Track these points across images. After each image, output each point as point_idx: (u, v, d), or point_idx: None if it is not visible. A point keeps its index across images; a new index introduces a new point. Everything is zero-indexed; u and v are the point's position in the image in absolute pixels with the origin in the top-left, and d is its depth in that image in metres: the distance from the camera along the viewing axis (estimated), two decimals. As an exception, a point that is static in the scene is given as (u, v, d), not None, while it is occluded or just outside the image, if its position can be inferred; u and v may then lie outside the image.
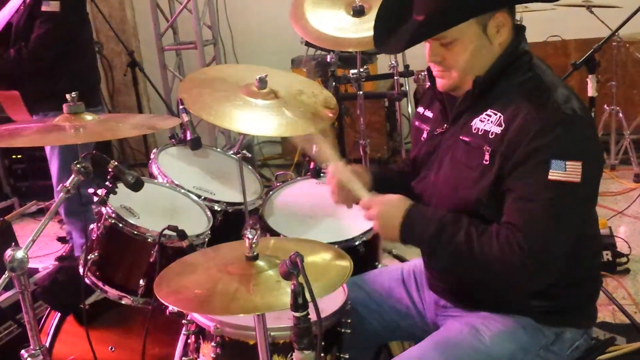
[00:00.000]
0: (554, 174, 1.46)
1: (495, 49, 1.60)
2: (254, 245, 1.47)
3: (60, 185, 1.78)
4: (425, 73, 1.76)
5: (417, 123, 1.88)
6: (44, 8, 3.03)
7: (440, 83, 1.68)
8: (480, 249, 1.52)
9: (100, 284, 2.04)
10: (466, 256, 1.54)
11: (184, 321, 1.77)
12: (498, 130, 1.55)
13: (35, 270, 2.90)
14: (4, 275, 1.66)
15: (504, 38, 1.59)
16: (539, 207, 1.48)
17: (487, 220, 1.57)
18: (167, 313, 1.88)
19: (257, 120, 2.15)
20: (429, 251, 1.75)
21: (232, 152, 2.69)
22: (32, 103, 3.26)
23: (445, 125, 1.73)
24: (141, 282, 2.00)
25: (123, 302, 2.03)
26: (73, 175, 1.77)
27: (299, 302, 1.26)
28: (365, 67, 3.34)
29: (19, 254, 1.63)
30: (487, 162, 1.55)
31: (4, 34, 3.12)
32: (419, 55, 1.74)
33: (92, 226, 2.07)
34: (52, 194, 3.68)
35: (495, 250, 1.50)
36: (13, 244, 1.70)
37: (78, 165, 1.77)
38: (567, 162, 1.46)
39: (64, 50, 3.16)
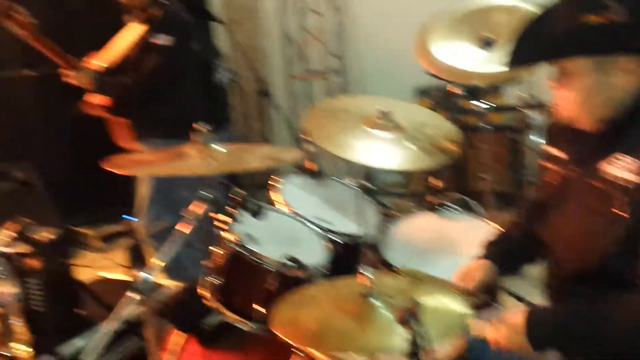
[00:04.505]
0: None
1: (617, 92, 1.52)
2: (369, 284, 1.46)
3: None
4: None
5: (544, 163, 1.81)
6: (156, 41, 3.12)
7: (558, 113, 1.65)
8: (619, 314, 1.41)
9: (221, 307, 2.11)
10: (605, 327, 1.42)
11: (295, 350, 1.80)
12: (632, 177, 1.46)
13: (160, 287, 3.02)
14: (131, 293, 1.76)
15: (626, 82, 1.51)
16: None
17: (614, 274, 1.47)
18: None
19: (379, 151, 2.16)
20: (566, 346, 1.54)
21: (353, 182, 2.70)
22: (136, 131, 3.35)
23: (574, 167, 1.66)
24: (259, 308, 2.05)
25: (240, 326, 2.09)
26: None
27: (415, 353, 1.25)
28: (491, 98, 3.27)
29: (148, 275, 1.72)
30: (619, 211, 1.46)
31: (119, 64, 3.28)
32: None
33: (214, 250, 2.16)
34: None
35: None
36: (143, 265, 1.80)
37: (209, 195, 1.84)
38: None
39: (170, 81, 3.29)
